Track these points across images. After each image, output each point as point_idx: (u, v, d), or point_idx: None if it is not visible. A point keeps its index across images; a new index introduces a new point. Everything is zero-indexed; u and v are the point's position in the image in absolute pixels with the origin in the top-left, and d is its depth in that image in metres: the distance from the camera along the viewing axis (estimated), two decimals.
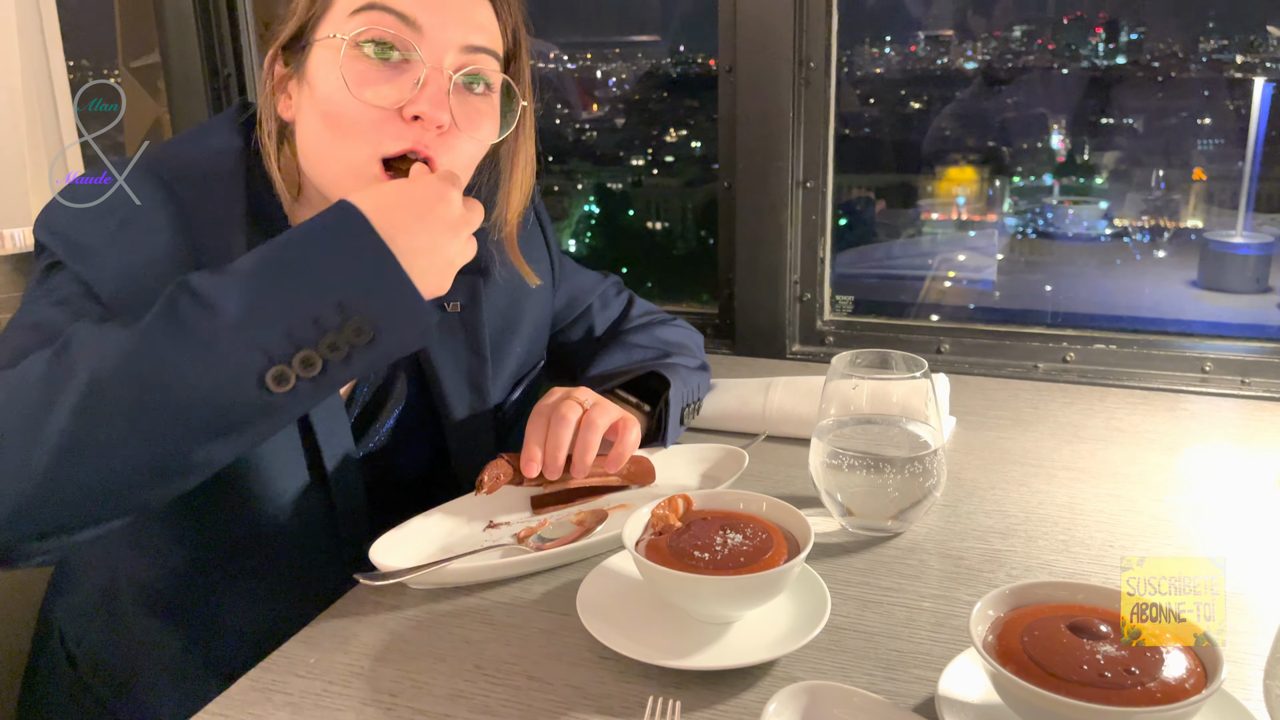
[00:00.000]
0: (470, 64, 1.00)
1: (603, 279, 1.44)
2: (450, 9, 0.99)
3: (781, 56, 1.58)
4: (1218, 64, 2.16)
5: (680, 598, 0.87)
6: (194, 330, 0.78)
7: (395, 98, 0.96)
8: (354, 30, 0.96)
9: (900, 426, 1.05)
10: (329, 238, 0.83)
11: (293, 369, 0.79)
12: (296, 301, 0.79)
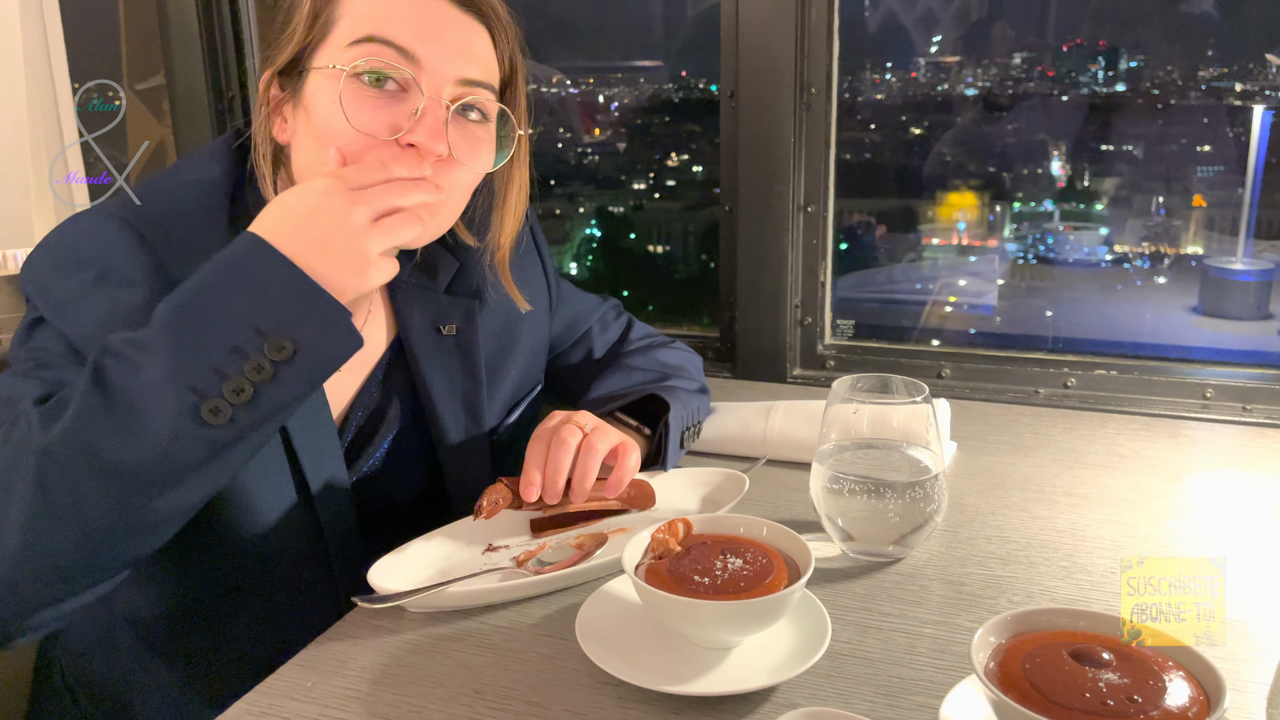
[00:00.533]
0: (467, 95, 1.01)
1: (602, 302, 1.44)
2: (448, 41, 1.00)
3: (783, 82, 1.59)
4: (1217, 91, 2.18)
5: (680, 622, 0.87)
6: (123, 390, 0.81)
7: (393, 127, 0.96)
8: (353, 61, 0.96)
9: (901, 451, 1.04)
10: (232, 267, 0.84)
11: (225, 399, 0.81)
12: (215, 334, 0.82)
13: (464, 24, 1.02)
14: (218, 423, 0.81)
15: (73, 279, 0.95)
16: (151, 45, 2.03)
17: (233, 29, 1.94)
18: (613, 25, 2.68)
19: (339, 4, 0.98)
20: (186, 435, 0.81)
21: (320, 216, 0.86)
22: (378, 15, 0.97)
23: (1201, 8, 2.21)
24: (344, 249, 0.86)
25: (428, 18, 0.99)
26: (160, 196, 1.03)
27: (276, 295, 0.83)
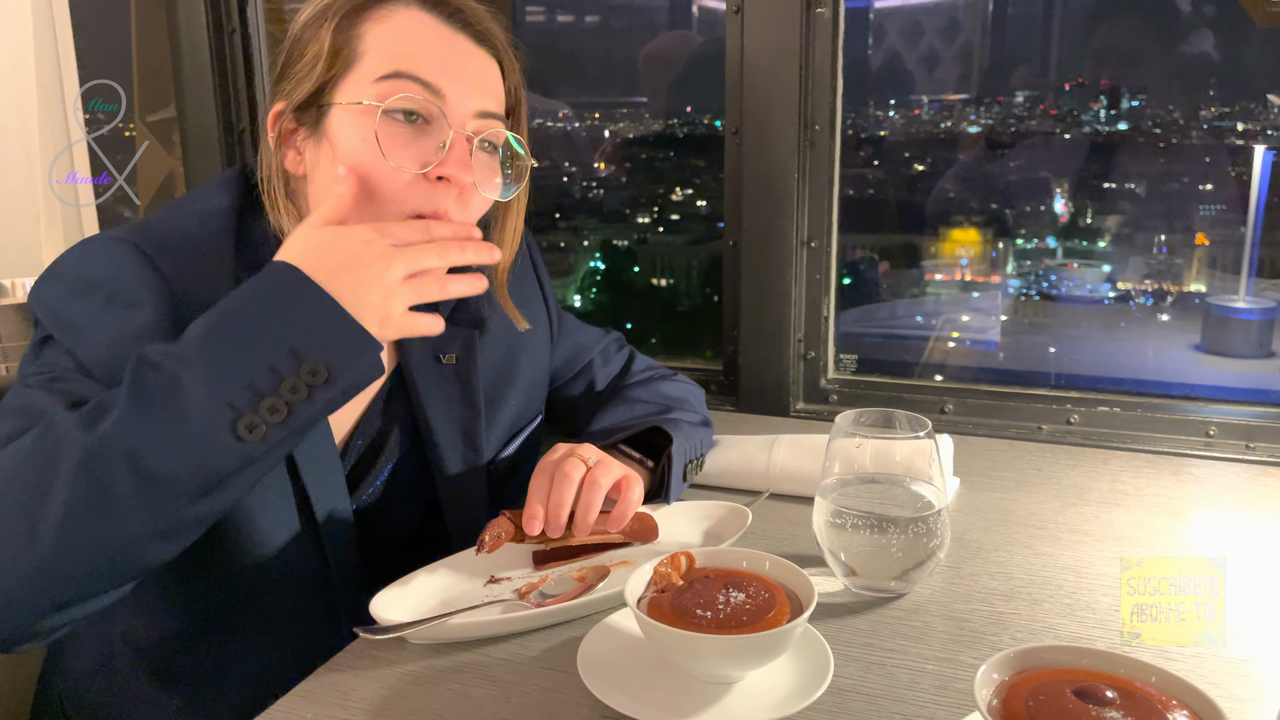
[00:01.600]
0: (487, 129, 1.04)
1: (604, 335, 1.44)
2: (470, 76, 1.03)
3: (787, 119, 1.60)
4: (1218, 131, 2.19)
5: (682, 657, 0.86)
6: (163, 403, 0.83)
7: (423, 161, 1.00)
8: (383, 96, 0.98)
9: (904, 486, 1.04)
10: (270, 291, 0.88)
11: (260, 417, 0.84)
12: (252, 354, 0.85)
13: (480, 58, 1.05)
14: (252, 439, 0.84)
15: (82, 302, 0.97)
16: (163, 77, 2.06)
17: (244, 63, 1.96)
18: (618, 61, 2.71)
19: (361, 40, 1.00)
20: (222, 448, 0.83)
21: (358, 267, 0.89)
22: (403, 51, 1.00)
23: (1202, 48, 2.23)
24: (374, 300, 0.89)
25: (450, 53, 1.02)
26: (168, 223, 1.05)
27: (313, 322, 0.86)
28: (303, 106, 1.02)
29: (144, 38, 2.17)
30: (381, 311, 0.89)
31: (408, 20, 1.01)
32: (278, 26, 2.04)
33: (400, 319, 0.91)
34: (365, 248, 0.90)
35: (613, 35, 2.88)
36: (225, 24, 1.94)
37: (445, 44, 1.02)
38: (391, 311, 0.90)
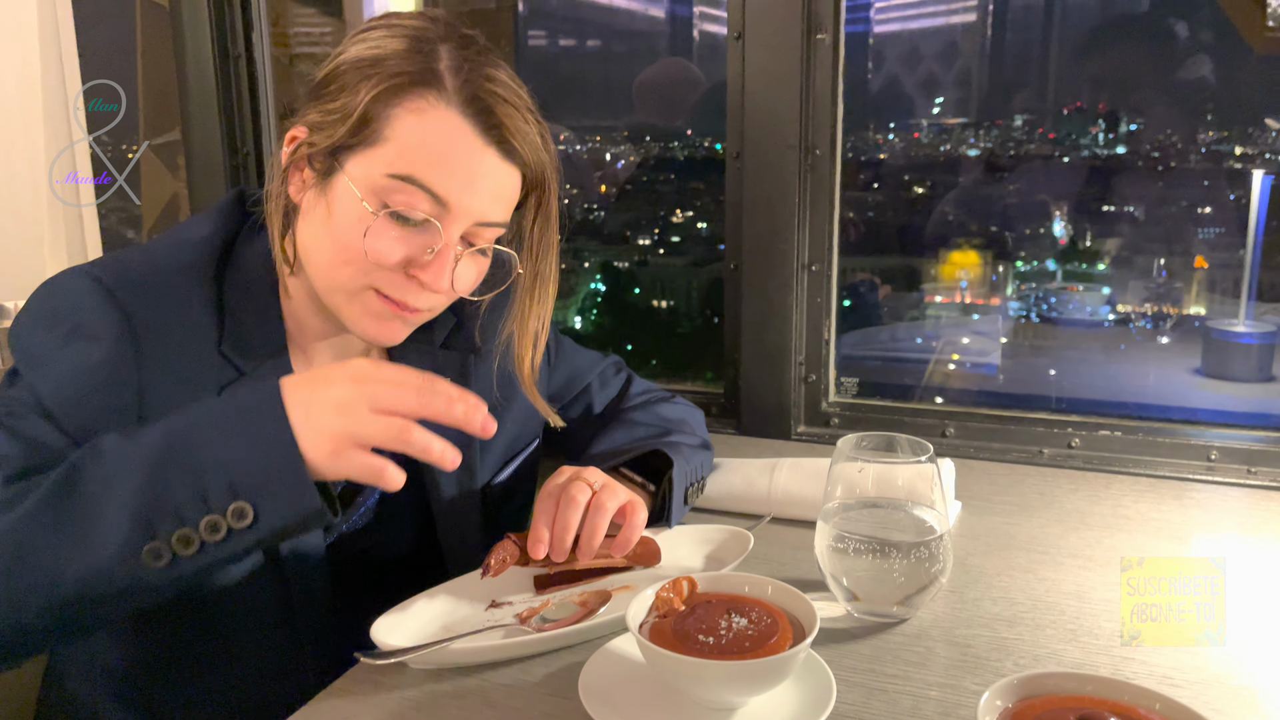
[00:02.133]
0: (479, 238, 1.04)
1: (602, 358, 1.45)
2: (482, 190, 1.01)
3: (787, 144, 1.61)
4: (1216, 155, 2.21)
5: (684, 682, 0.86)
6: (84, 499, 0.82)
7: (406, 259, 1.00)
8: (389, 193, 0.98)
9: (906, 511, 1.04)
10: (243, 418, 0.85)
11: (171, 546, 0.82)
12: (193, 474, 0.82)
13: (501, 172, 1.03)
14: (154, 566, 0.82)
15: (47, 334, 0.98)
16: (169, 100, 2.07)
17: (249, 87, 1.97)
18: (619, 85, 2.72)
19: (390, 122, 0.98)
20: (121, 568, 0.81)
21: (327, 383, 0.86)
22: (424, 155, 0.98)
23: (1199, 73, 2.24)
24: (327, 420, 0.84)
25: (470, 166, 1.00)
26: (143, 255, 1.05)
27: (263, 456, 0.83)
28: (318, 153, 1.01)
29: (149, 61, 2.18)
30: (333, 438, 0.84)
31: (442, 123, 0.98)
32: (283, 51, 2.06)
33: (353, 455, 0.85)
34: (342, 368, 0.87)
35: (613, 60, 2.90)
36: (231, 49, 1.96)
37: (469, 156, 1.00)
38: (343, 443, 0.84)
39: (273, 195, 1.04)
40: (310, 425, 0.84)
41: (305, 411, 0.84)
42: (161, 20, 2.03)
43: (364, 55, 1.00)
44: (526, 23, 2.71)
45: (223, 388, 1.02)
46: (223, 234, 1.08)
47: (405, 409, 0.86)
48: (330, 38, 2.37)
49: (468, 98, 0.99)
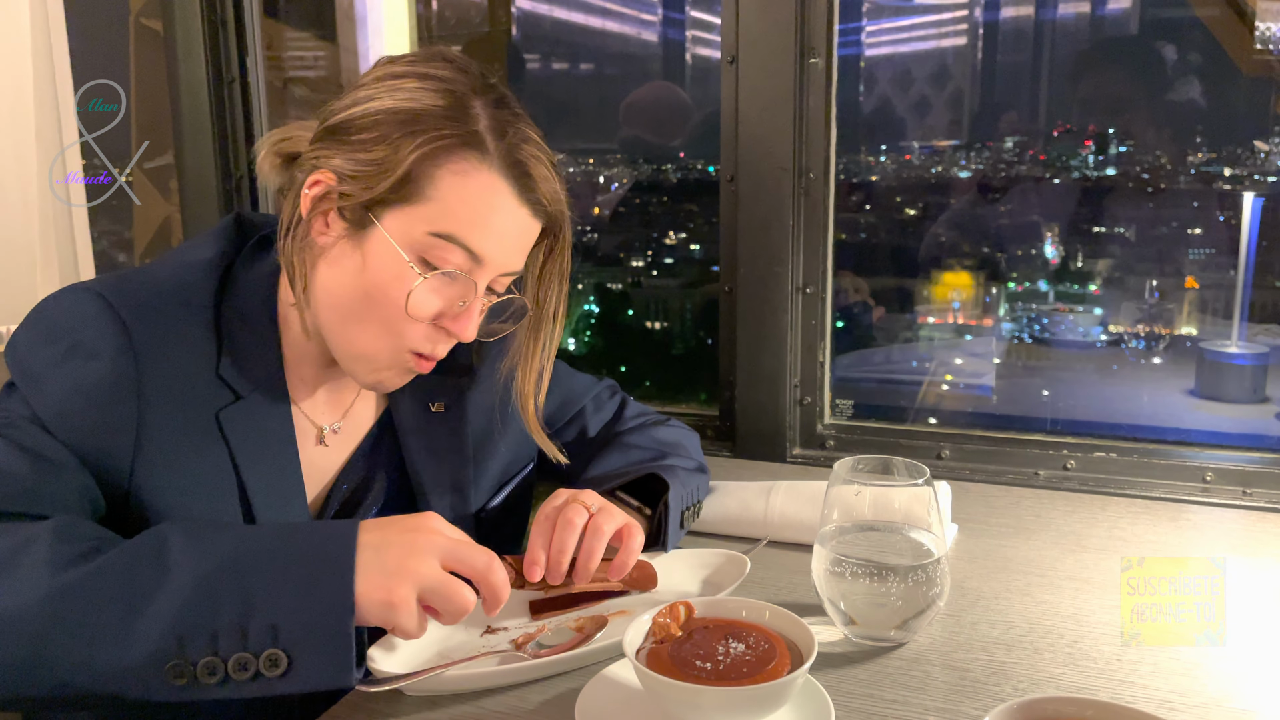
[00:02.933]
0: (500, 285, 1.08)
1: (596, 382, 1.44)
2: (513, 246, 1.05)
3: (781, 167, 1.62)
4: (1206, 176, 2.22)
5: (682, 709, 0.85)
6: (131, 595, 0.82)
7: (437, 312, 1.03)
8: (428, 249, 0.99)
9: (903, 534, 1.04)
10: (310, 559, 0.85)
11: (196, 669, 0.81)
12: (241, 606, 0.82)
13: (530, 227, 1.07)
14: (173, 682, 0.80)
15: (45, 351, 0.97)
16: (162, 124, 2.07)
17: (244, 112, 1.98)
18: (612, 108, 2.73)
19: (434, 184, 0.98)
20: (139, 672, 0.80)
21: (404, 530, 0.88)
22: (467, 217, 1.00)
23: (1188, 95, 2.26)
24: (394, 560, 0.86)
25: (507, 226, 1.03)
26: (145, 275, 1.05)
27: (316, 612, 0.83)
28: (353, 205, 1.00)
29: (142, 84, 2.18)
30: (390, 581, 0.85)
31: (484, 186, 1.00)
32: (277, 76, 2.06)
33: (405, 607, 0.85)
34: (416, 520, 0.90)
35: (606, 83, 2.92)
36: (225, 73, 1.96)
37: (506, 217, 1.03)
38: (402, 585, 0.85)
39: (291, 236, 1.03)
40: (378, 565, 0.85)
41: (376, 554, 0.86)
42: (155, 44, 2.04)
43: (400, 108, 0.99)
44: (520, 46, 2.73)
45: (219, 410, 1.02)
46: (223, 258, 1.08)
47: (471, 571, 0.90)
48: (324, 62, 2.38)
49: (509, 162, 1.01)
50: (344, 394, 1.17)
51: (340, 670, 0.83)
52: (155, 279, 1.05)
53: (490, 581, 0.91)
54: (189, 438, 1.01)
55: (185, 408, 1.00)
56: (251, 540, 0.87)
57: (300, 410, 1.12)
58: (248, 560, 0.84)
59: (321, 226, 1.03)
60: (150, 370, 0.98)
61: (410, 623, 0.86)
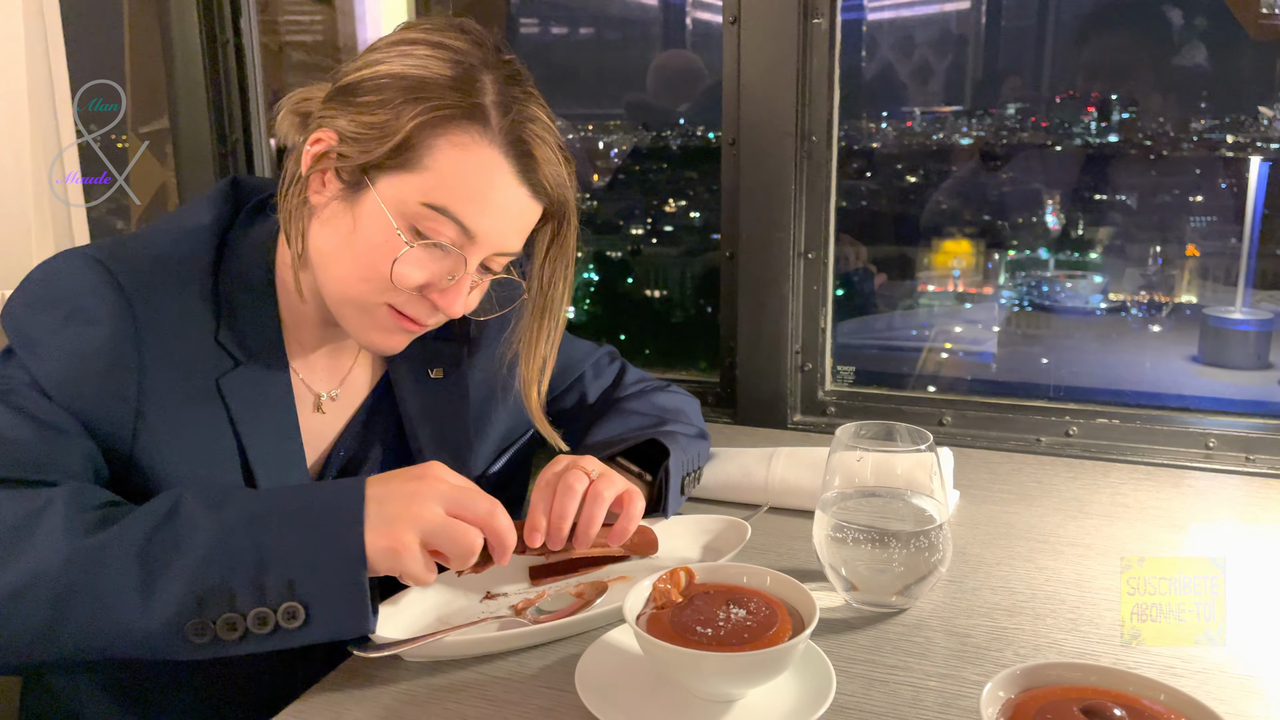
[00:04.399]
0: (495, 264, 1.05)
1: (596, 348, 1.43)
2: (508, 225, 1.03)
3: (784, 130, 1.60)
4: (1210, 143, 2.20)
5: (682, 674, 0.85)
6: (147, 562, 0.82)
7: (424, 282, 1.01)
8: (420, 219, 0.98)
9: (905, 500, 1.03)
10: (321, 514, 0.87)
11: (216, 627, 0.82)
12: (256, 564, 0.83)
13: (529, 207, 1.04)
14: (197, 640, 0.82)
15: (44, 317, 0.96)
16: (156, 89, 2.05)
17: (238, 74, 1.95)
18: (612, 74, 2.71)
19: (432, 153, 0.97)
20: (163, 633, 0.82)
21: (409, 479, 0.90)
22: (461, 190, 0.98)
23: (1194, 60, 2.24)
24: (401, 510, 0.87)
25: (502, 205, 1.01)
26: (143, 240, 1.04)
27: (330, 563, 0.85)
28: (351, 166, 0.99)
29: (137, 49, 2.16)
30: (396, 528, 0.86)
31: (483, 162, 0.98)
32: (272, 39, 2.03)
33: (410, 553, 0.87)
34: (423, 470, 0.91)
35: (607, 47, 2.89)
36: (219, 35, 1.93)
37: (504, 195, 1.00)
38: (406, 532, 0.87)
39: (290, 194, 1.03)
40: (381, 514, 0.87)
41: (379, 505, 0.87)
42: (149, 8, 2.01)
43: (408, 74, 0.97)
44: (519, 10, 2.69)
45: (219, 377, 1.02)
46: (220, 223, 1.07)
47: (474, 516, 0.91)
48: (320, 26, 2.35)
49: (511, 139, 0.99)
50: (342, 360, 1.16)
51: (357, 618, 0.85)
52: (153, 245, 1.03)
53: (494, 527, 0.91)
54: (190, 404, 1.00)
55: (186, 374, 1.00)
56: (264, 500, 0.89)
57: (299, 376, 1.11)
58: (261, 519, 0.85)
59: (318, 185, 1.02)
60: (150, 337, 0.97)
61: (416, 566, 0.87)
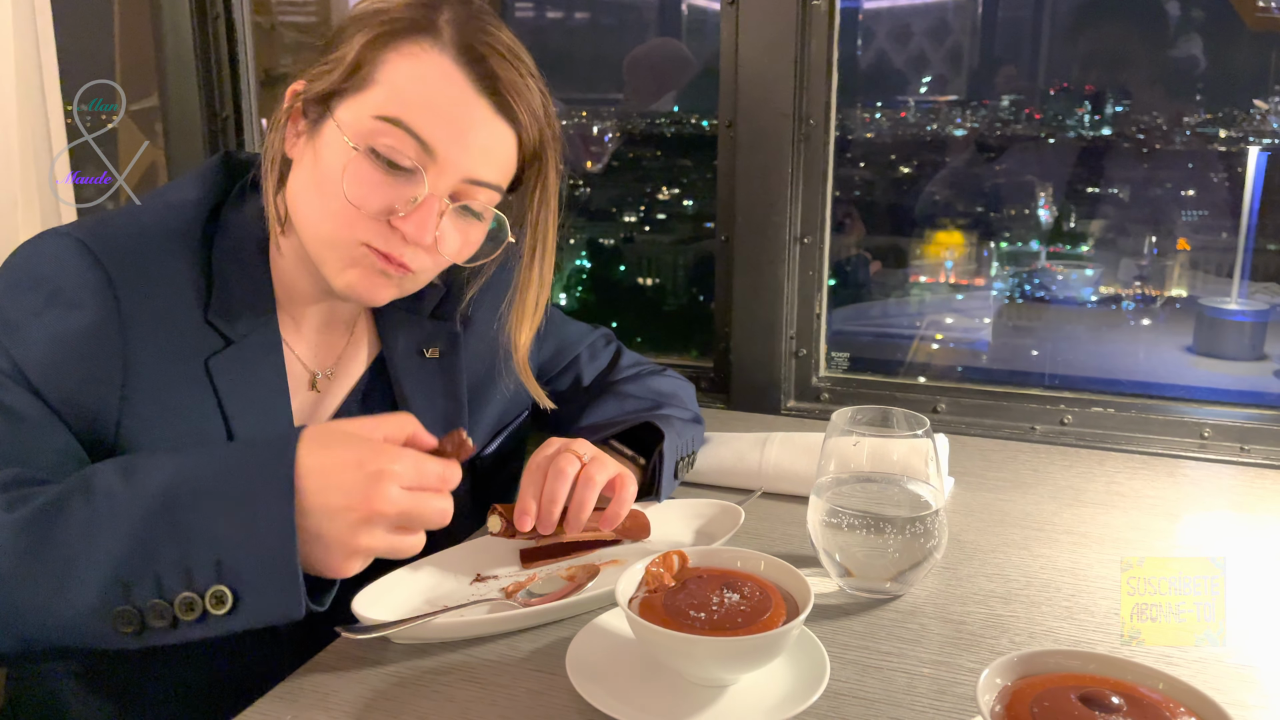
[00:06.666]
0: (469, 197, 1.00)
1: (591, 330, 1.42)
2: (472, 144, 0.98)
3: (781, 113, 1.58)
4: (1203, 136, 2.19)
5: (675, 659, 0.84)
6: (66, 541, 0.78)
7: (387, 207, 0.96)
8: (373, 135, 0.95)
9: (900, 485, 1.02)
10: (249, 486, 0.80)
11: (143, 616, 0.78)
12: (181, 544, 0.78)
13: (495, 128, 0.99)
14: (123, 630, 0.78)
15: (24, 299, 0.93)
16: (146, 66, 2.02)
17: (229, 50, 1.92)
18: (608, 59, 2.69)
19: (382, 66, 0.96)
20: (88, 622, 0.78)
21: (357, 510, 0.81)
22: (412, 99, 0.95)
23: (1189, 52, 2.23)
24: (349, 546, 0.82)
25: (461, 117, 0.97)
26: (127, 219, 1.01)
27: (258, 543, 0.79)
28: (312, 100, 0.99)
29: (127, 25, 2.13)
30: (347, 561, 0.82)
31: (433, 67, 0.96)
32: (263, 14, 2.01)
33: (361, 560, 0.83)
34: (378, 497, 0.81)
35: (602, 33, 2.87)
36: (209, 10, 1.91)
37: (460, 106, 0.97)
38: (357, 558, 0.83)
39: (270, 149, 1.02)
40: (320, 535, 0.81)
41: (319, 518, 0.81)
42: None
43: (368, 9, 0.99)
44: None
45: (208, 358, 0.99)
46: (210, 198, 1.05)
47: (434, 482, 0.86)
48: (313, 7, 2.32)
49: (463, 46, 0.97)
50: (336, 339, 1.14)
51: (289, 602, 0.79)
52: (139, 222, 1.01)
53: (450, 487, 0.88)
54: (176, 387, 0.97)
55: (173, 356, 0.97)
56: (186, 471, 0.82)
57: (293, 354, 1.09)
58: (183, 495, 0.80)
59: (293, 137, 1.01)
60: (134, 318, 0.94)
61: (392, 553, 0.85)
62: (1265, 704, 0.85)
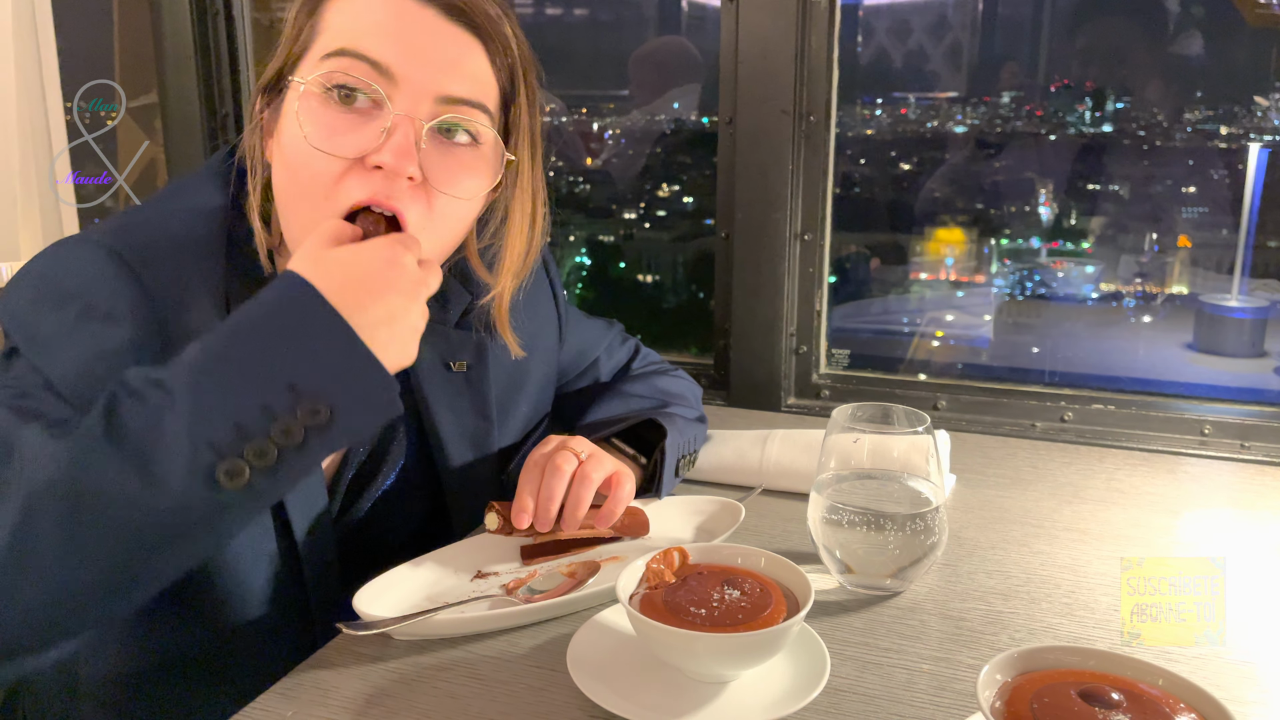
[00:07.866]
0: (447, 113, 0.91)
1: (608, 328, 1.41)
2: (432, 57, 0.91)
3: (782, 109, 1.58)
4: (1203, 133, 2.19)
5: (675, 655, 0.84)
6: (133, 434, 0.73)
7: (358, 147, 0.88)
8: (321, 79, 0.89)
9: (901, 482, 1.02)
10: (277, 317, 0.78)
11: (245, 461, 0.73)
12: (244, 389, 0.74)
13: (452, 36, 0.92)
14: (233, 487, 0.73)
15: (53, 315, 0.87)
16: (145, 63, 2.02)
17: (228, 47, 1.92)
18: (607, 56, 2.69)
19: (321, 18, 0.92)
20: (196, 497, 0.73)
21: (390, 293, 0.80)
22: (355, 28, 0.89)
23: (1189, 50, 2.23)
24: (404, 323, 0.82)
25: (410, 30, 0.90)
26: (152, 225, 0.96)
27: (323, 354, 0.76)
28: (268, 88, 0.95)
29: (126, 23, 2.13)
30: (409, 342, 0.82)
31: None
32: (262, 12, 2.01)
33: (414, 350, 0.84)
34: (391, 270, 0.81)
35: (601, 29, 2.86)
36: (209, 7, 1.90)
37: (407, 20, 0.90)
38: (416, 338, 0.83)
39: (252, 164, 0.97)
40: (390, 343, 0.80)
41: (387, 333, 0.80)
42: None
43: None
44: None
45: None
46: (230, 204, 0.99)
47: None
48: None
49: None
50: None
51: (389, 393, 0.79)
52: (166, 230, 0.95)
53: None
54: None
55: None
56: (214, 336, 0.78)
57: None
58: (226, 349, 0.77)
59: (270, 146, 0.96)
60: (173, 333, 0.89)
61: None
62: (1264, 699, 0.85)
